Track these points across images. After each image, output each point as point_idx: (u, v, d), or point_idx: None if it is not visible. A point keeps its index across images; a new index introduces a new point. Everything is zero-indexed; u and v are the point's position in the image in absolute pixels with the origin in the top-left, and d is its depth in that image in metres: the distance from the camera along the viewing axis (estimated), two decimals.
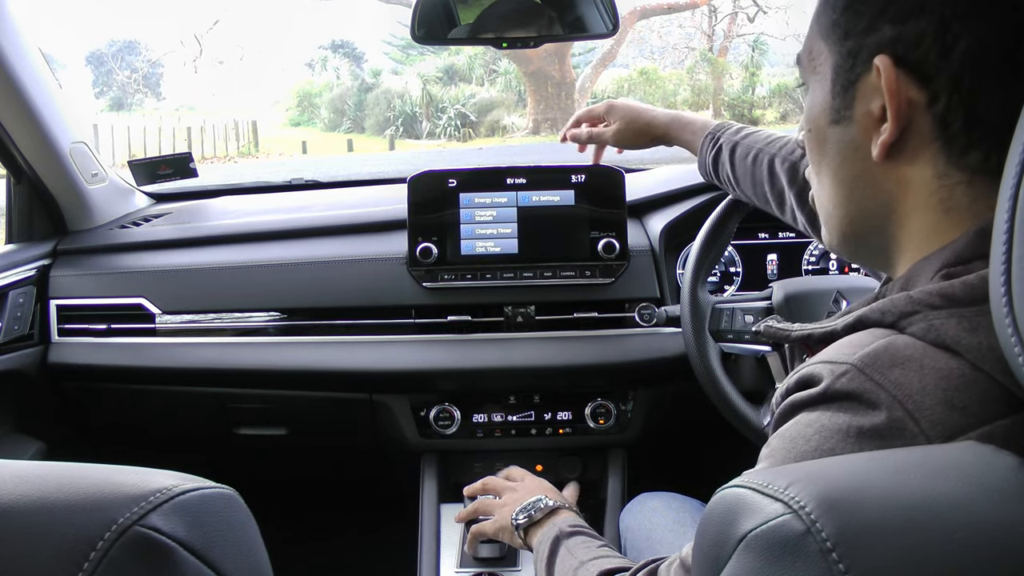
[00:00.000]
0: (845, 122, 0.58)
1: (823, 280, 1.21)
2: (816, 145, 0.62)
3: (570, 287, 1.37)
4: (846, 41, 0.57)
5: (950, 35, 0.52)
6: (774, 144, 1.07)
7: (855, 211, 0.61)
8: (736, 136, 1.14)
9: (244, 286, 1.39)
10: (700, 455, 1.63)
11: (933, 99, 0.53)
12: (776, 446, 0.53)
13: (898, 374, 0.48)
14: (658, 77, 20.19)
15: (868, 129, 0.57)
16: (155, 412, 1.50)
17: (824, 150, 0.61)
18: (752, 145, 1.10)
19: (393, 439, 1.42)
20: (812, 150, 0.63)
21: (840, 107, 0.58)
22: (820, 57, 0.60)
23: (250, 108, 22.06)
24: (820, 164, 0.63)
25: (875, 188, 0.58)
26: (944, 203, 0.55)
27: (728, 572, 0.41)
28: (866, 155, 0.57)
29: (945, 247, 0.54)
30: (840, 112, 0.58)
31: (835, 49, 0.58)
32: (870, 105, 0.56)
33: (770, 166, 1.06)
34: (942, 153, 0.54)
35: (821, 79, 0.60)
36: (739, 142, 1.12)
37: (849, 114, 0.58)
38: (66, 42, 26.59)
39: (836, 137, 0.60)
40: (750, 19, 20.48)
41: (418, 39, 1.17)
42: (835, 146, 0.60)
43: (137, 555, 0.37)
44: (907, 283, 0.55)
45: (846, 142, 0.59)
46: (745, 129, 1.15)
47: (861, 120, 0.57)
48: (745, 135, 1.13)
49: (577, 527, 0.92)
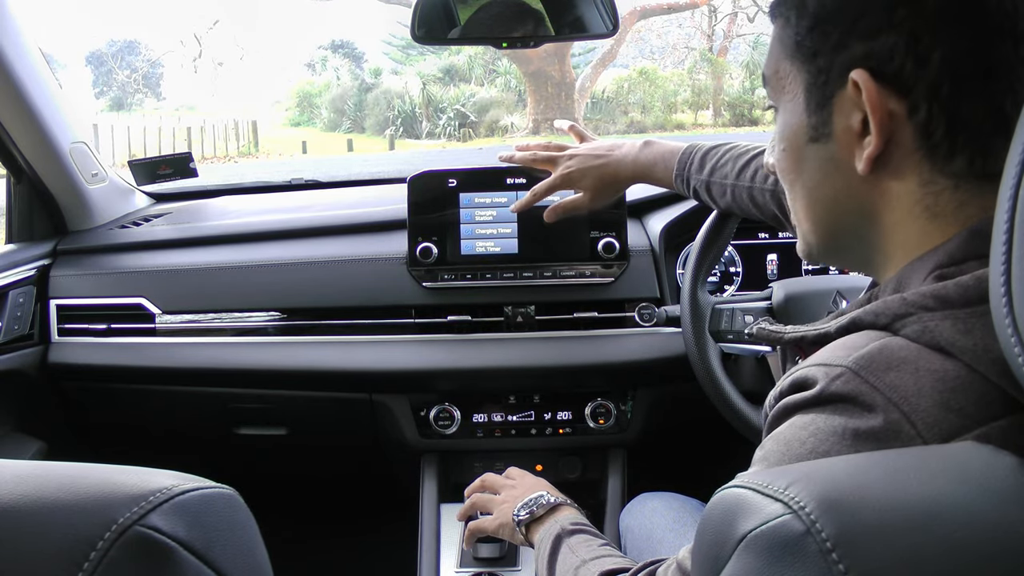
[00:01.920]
0: (824, 139, 0.58)
1: (823, 280, 1.21)
2: (792, 164, 0.62)
3: (570, 287, 1.37)
4: (815, 60, 0.57)
5: (923, 46, 0.52)
6: (744, 176, 1.05)
7: (835, 225, 0.61)
8: (704, 174, 1.09)
9: (244, 286, 1.39)
10: (700, 455, 1.63)
11: (913, 109, 0.53)
12: (770, 448, 0.53)
13: (893, 376, 0.48)
14: (658, 77, 20.19)
15: (849, 144, 0.57)
16: (155, 412, 1.50)
17: (801, 168, 0.61)
18: (725, 183, 1.07)
19: (393, 439, 1.42)
20: (787, 169, 0.63)
21: (817, 124, 0.58)
22: (788, 77, 0.60)
23: (250, 108, 22.07)
24: (796, 182, 0.62)
25: (858, 202, 0.58)
26: (930, 210, 0.55)
27: (728, 572, 0.41)
28: (848, 170, 0.57)
29: (937, 248, 0.54)
30: (818, 129, 0.58)
31: (804, 68, 0.58)
32: (849, 120, 0.56)
33: (751, 199, 1.04)
34: (926, 161, 0.54)
35: (792, 98, 0.60)
36: (710, 182, 1.09)
37: (828, 131, 0.58)
38: (66, 42, 26.58)
39: (815, 154, 0.59)
40: (750, 19, 20.48)
41: (418, 39, 1.17)
42: (814, 163, 0.60)
43: (137, 555, 0.37)
44: (899, 285, 0.55)
45: (826, 159, 0.59)
46: (708, 160, 1.09)
47: (841, 136, 0.57)
48: (712, 170, 1.08)
49: (579, 525, 0.92)
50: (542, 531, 0.94)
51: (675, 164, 1.13)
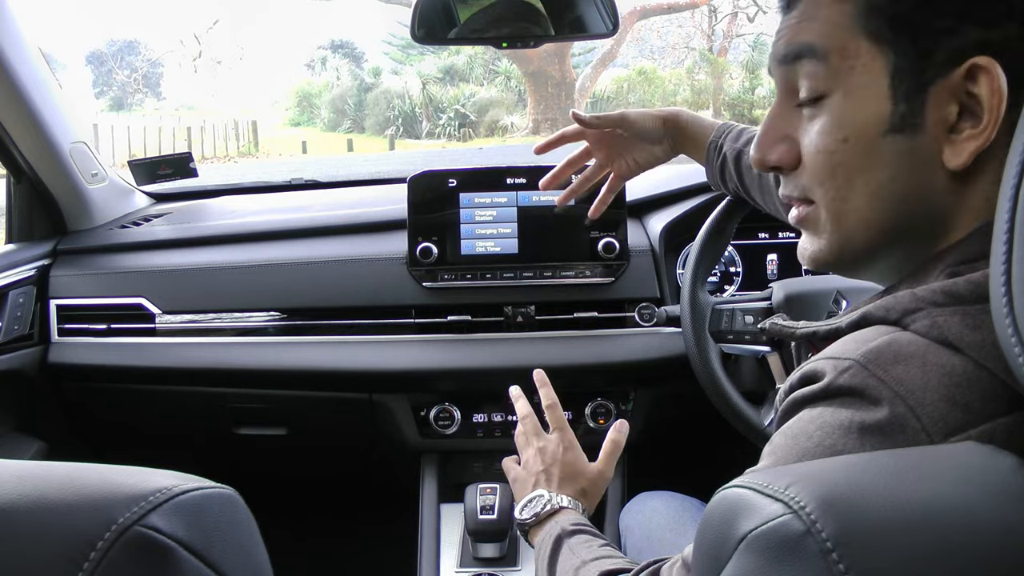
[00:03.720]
0: (911, 130, 0.53)
1: (823, 280, 1.21)
2: (858, 157, 0.56)
3: (570, 287, 1.37)
4: (917, 42, 0.52)
5: None
6: None
7: (894, 227, 0.56)
8: (738, 143, 1.08)
9: (244, 286, 1.40)
10: (700, 455, 1.63)
11: (1016, 103, 0.50)
12: (779, 443, 0.53)
13: (901, 370, 0.48)
14: (657, 77, 20.20)
15: (938, 137, 0.53)
16: (155, 412, 1.50)
17: (870, 163, 0.55)
18: None
19: (393, 439, 1.42)
20: (846, 163, 0.56)
21: (906, 113, 0.53)
22: (861, 57, 0.54)
23: (250, 108, 22.06)
24: (856, 178, 0.56)
25: (931, 201, 0.54)
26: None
27: (728, 572, 0.41)
28: (934, 165, 0.53)
29: (951, 246, 0.54)
30: (906, 119, 0.53)
31: (894, 49, 0.53)
32: (945, 110, 0.52)
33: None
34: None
35: (866, 83, 0.54)
36: (742, 150, 1.07)
37: (917, 121, 0.53)
38: (66, 42, 26.57)
39: (895, 147, 0.54)
40: (750, 19, 20.49)
41: (418, 39, 1.17)
42: (891, 156, 0.54)
43: (137, 555, 0.37)
44: (913, 281, 0.55)
45: (907, 151, 0.54)
46: (746, 132, 1.09)
47: (933, 127, 0.53)
48: (747, 140, 1.08)
49: (579, 526, 0.91)
50: (543, 533, 0.94)
51: (712, 130, 1.11)
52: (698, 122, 1.13)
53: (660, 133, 1.13)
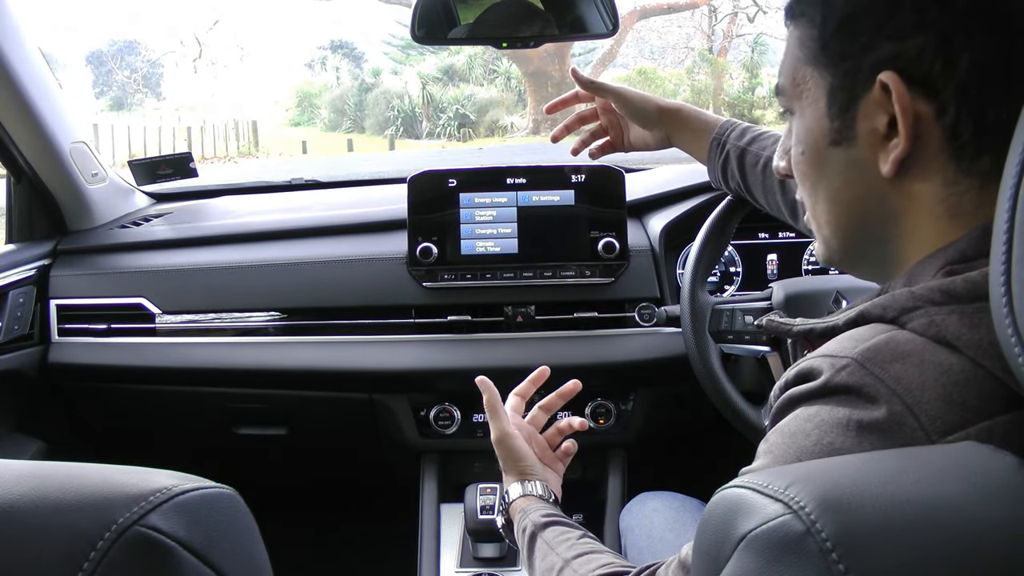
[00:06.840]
0: (847, 142, 0.58)
1: (823, 280, 1.21)
2: (812, 168, 0.61)
3: (570, 287, 1.37)
4: (841, 63, 0.57)
5: (953, 48, 0.52)
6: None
7: (856, 229, 0.61)
8: (742, 141, 1.09)
9: (244, 286, 1.39)
10: (700, 455, 1.63)
11: (941, 111, 0.53)
12: (775, 441, 0.53)
13: (898, 369, 0.48)
14: (657, 77, 20.18)
15: (874, 147, 0.56)
16: (155, 412, 1.50)
17: (822, 172, 0.61)
18: (760, 153, 1.06)
19: (393, 439, 1.42)
20: (807, 173, 0.62)
21: (841, 128, 0.58)
22: (808, 81, 0.60)
23: (250, 108, 22.05)
24: (816, 186, 0.62)
25: (880, 205, 0.58)
26: (951, 210, 0.55)
27: (728, 572, 0.41)
28: (872, 173, 0.57)
29: (948, 246, 0.54)
30: (842, 133, 0.58)
31: (827, 71, 0.58)
32: (874, 123, 0.55)
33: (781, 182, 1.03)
34: (951, 162, 0.54)
35: (812, 103, 0.60)
36: (747, 149, 1.08)
37: (851, 134, 0.57)
38: (66, 42, 26.56)
39: (837, 158, 0.59)
40: (750, 19, 20.47)
41: (418, 39, 1.17)
42: (836, 166, 0.59)
43: (137, 555, 0.37)
44: (909, 280, 0.55)
45: (849, 162, 0.58)
46: (750, 131, 1.10)
47: (866, 138, 0.56)
48: (751, 139, 1.08)
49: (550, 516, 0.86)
50: (516, 531, 0.90)
51: (715, 126, 1.12)
52: (701, 117, 1.15)
53: (655, 121, 1.14)
